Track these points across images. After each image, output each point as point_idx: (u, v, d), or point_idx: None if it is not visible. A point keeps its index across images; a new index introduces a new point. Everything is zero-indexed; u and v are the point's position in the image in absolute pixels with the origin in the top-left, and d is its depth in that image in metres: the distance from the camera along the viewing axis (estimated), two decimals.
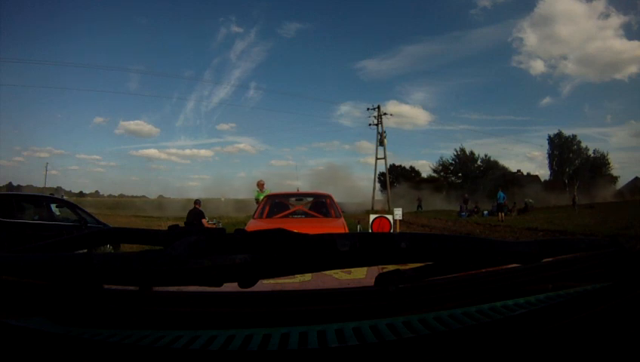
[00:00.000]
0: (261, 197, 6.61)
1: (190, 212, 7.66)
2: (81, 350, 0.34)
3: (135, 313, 0.45)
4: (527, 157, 45.42)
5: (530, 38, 38.31)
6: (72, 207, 6.55)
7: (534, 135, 46.49)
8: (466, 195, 22.04)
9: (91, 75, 48.51)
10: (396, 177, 33.41)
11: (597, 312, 0.40)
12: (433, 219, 17.67)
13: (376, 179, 28.37)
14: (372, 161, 27.68)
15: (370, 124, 27.03)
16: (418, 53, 44.32)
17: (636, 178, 30.31)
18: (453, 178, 35.89)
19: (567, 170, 32.96)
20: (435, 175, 36.18)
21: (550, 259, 0.57)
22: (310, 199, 5.77)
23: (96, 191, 40.43)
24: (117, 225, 7.63)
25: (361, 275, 0.86)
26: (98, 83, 45.98)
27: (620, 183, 31.71)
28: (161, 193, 37.55)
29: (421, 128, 41.60)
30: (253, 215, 5.20)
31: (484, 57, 42.31)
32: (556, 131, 34.30)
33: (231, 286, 0.44)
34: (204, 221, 7.48)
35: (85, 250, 0.68)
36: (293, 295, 0.52)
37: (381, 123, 26.53)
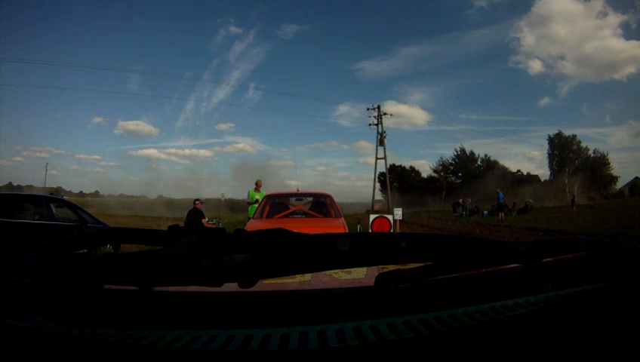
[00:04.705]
0: (257, 197, 6.62)
1: (190, 212, 7.64)
2: (81, 350, 0.34)
3: (135, 313, 0.45)
4: (526, 157, 45.73)
5: (528, 38, 38.37)
6: (72, 207, 6.54)
7: (534, 135, 46.76)
8: (458, 200, 22.32)
9: (91, 75, 48.75)
10: (395, 178, 33.36)
11: (597, 312, 0.40)
12: (433, 219, 17.70)
13: (376, 179, 28.40)
14: (371, 161, 27.73)
15: (370, 124, 27.08)
16: (416, 53, 44.52)
17: (636, 178, 30.39)
18: (453, 178, 35.93)
19: (567, 170, 32.98)
20: (435, 175, 36.26)
21: (550, 259, 0.57)
22: (310, 199, 5.76)
23: (96, 191, 40.37)
24: (117, 225, 7.61)
25: (361, 275, 0.86)
26: (98, 83, 46.42)
27: (620, 183, 31.85)
28: (161, 193, 37.60)
29: (420, 128, 41.84)
30: (253, 215, 5.21)
31: (483, 58, 42.55)
32: (556, 131, 34.42)
33: (231, 286, 0.44)
34: (204, 221, 7.47)
35: (85, 250, 0.68)
36: (293, 295, 0.52)
37: (381, 123, 26.55)
